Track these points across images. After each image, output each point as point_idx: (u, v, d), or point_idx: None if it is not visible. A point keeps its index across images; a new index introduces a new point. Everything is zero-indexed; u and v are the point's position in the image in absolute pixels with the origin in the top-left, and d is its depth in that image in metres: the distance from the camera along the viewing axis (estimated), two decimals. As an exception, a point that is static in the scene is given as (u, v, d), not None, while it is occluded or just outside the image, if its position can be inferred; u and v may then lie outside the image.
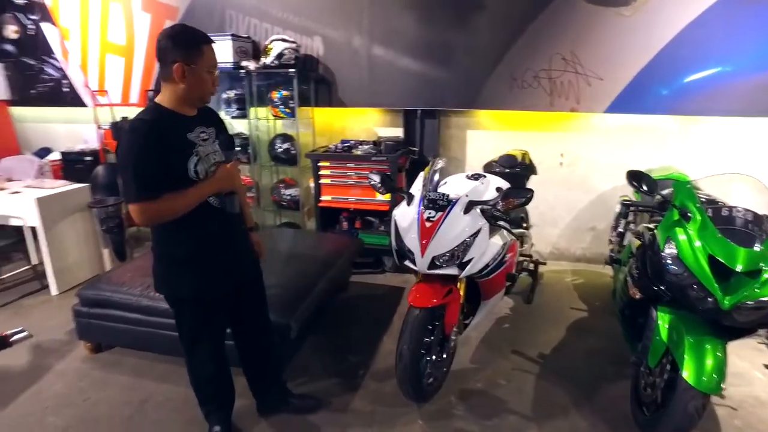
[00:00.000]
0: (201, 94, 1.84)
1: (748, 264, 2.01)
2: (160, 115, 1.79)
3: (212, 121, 1.98)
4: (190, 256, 1.92)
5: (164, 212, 1.76)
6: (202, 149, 1.85)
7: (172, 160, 1.75)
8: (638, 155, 4.08)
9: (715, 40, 3.71)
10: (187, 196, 1.78)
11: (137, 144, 1.70)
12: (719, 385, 2.01)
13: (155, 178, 1.70)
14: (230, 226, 2.00)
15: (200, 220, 1.86)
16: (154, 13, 4.71)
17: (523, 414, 2.49)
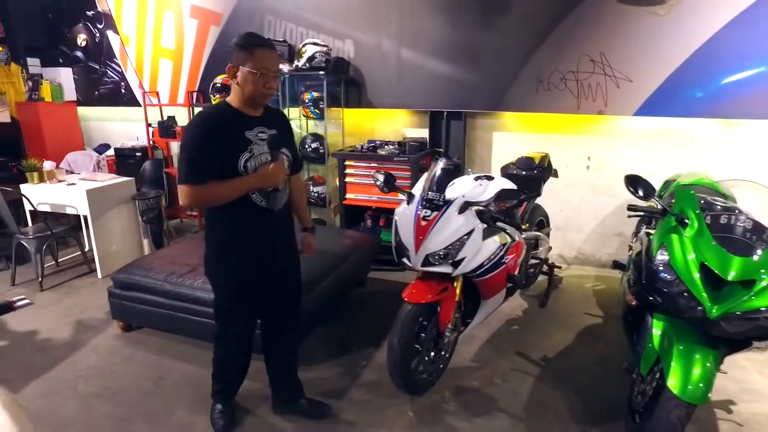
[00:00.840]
0: (251, 95, 1.90)
1: (741, 273, 1.94)
2: (223, 111, 1.95)
3: (276, 123, 2.07)
4: (226, 244, 2.06)
5: (205, 198, 1.92)
6: (257, 148, 1.95)
7: (225, 153, 1.88)
8: (669, 160, 3.94)
9: (756, 39, 3.53)
10: (228, 187, 1.89)
11: (194, 133, 1.88)
12: (705, 395, 1.95)
13: (204, 165, 1.84)
14: (271, 222, 2.07)
15: (241, 212, 1.97)
16: (201, 19, 5.04)
17: (514, 414, 2.51)
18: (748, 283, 1.95)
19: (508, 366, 2.92)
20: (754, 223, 2.06)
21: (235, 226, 2.02)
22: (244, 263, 2.08)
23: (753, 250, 2.00)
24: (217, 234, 2.09)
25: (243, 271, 2.09)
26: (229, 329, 2.25)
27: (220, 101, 2.04)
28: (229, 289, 2.15)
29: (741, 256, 1.98)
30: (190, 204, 1.93)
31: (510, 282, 2.76)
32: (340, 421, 2.47)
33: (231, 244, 2.05)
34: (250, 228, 2.03)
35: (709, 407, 2.59)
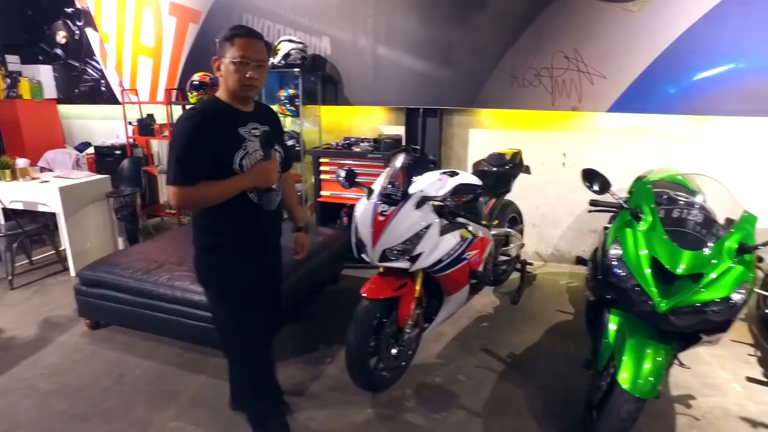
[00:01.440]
0: (232, 87, 1.81)
1: (690, 267, 1.94)
2: (214, 107, 1.84)
3: (268, 119, 1.98)
4: (223, 245, 1.93)
5: (196, 199, 1.79)
6: (251, 145, 1.85)
7: (219, 150, 1.77)
8: (645, 156, 3.93)
9: (728, 36, 3.53)
10: (222, 187, 1.78)
11: (185, 133, 1.75)
12: (654, 390, 1.95)
13: (195, 165, 1.73)
14: (265, 221, 1.98)
15: (237, 212, 1.87)
16: (180, 16, 5.02)
17: (473, 410, 2.49)
18: (698, 277, 1.94)
19: (473, 363, 2.90)
20: (704, 217, 2.05)
21: (230, 227, 1.91)
22: (243, 265, 1.97)
23: (703, 243, 1.99)
24: (209, 237, 1.94)
25: (243, 272, 1.97)
26: (249, 343, 2.08)
27: (210, 96, 1.94)
28: (232, 296, 2.00)
29: (691, 249, 1.97)
30: (180, 205, 1.82)
31: (473, 278, 2.74)
32: (298, 418, 2.45)
33: (227, 246, 1.93)
34: (246, 228, 1.93)
35: (670, 402, 2.59)
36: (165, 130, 5.09)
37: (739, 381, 2.77)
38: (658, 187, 2.52)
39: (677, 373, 2.80)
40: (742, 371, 2.86)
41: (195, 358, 2.97)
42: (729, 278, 1.90)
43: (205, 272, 2.02)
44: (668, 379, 2.77)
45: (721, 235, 2.01)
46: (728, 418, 2.48)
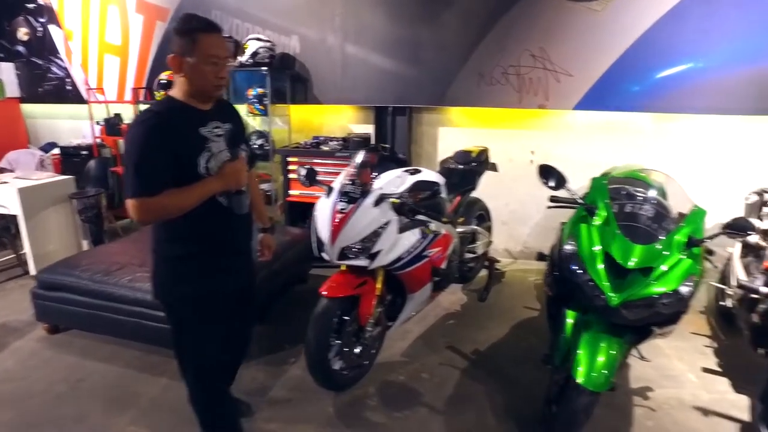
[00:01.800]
0: (202, 88, 1.69)
1: (641, 261, 1.96)
2: (171, 107, 1.69)
3: (229, 115, 1.85)
4: (190, 255, 1.77)
5: (162, 210, 1.63)
6: (216, 145, 1.72)
7: (181, 154, 1.64)
8: (612, 153, 3.97)
9: (687, 35, 3.60)
10: (189, 194, 1.64)
11: (142, 137, 1.60)
12: (608, 383, 1.96)
13: (157, 173, 1.59)
14: (236, 225, 1.85)
15: (204, 218, 1.72)
16: (147, 14, 4.93)
17: (435, 408, 2.49)
18: (650, 271, 1.96)
19: (437, 360, 2.90)
20: (656, 211, 2.08)
21: (199, 234, 1.76)
22: (208, 274, 1.80)
23: (654, 238, 2.01)
24: (176, 246, 1.77)
25: (209, 284, 1.81)
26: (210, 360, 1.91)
27: (164, 97, 1.79)
28: (192, 307, 1.82)
29: (642, 244, 1.99)
30: (143, 220, 1.65)
31: (436, 276, 2.74)
32: (259, 419, 2.42)
33: (195, 255, 1.77)
34: (217, 234, 1.79)
35: (629, 394, 2.62)
36: (132, 129, 4.99)
37: (694, 372, 2.82)
38: (619, 183, 2.55)
39: (638, 366, 2.84)
40: (698, 362, 2.92)
41: (156, 360, 2.92)
42: (678, 271, 1.93)
43: (168, 284, 1.83)
44: (628, 372, 2.81)
45: (671, 229, 2.04)
46: (683, 407, 2.52)
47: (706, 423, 2.43)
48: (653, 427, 2.39)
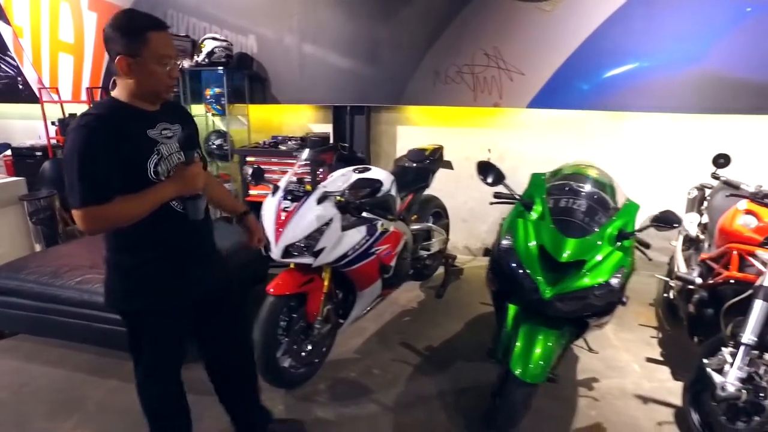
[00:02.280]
0: (154, 89, 1.62)
1: (573, 254, 2.01)
2: (115, 109, 1.60)
3: (178, 116, 1.77)
4: (145, 264, 1.69)
5: (113, 218, 1.54)
6: (165, 148, 1.65)
7: (128, 158, 1.55)
8: (567, 149, 4.04)
9: (632, 36, 3.70)
10: (142, 200, 1.55)
11: (84, 141, 1.49)
12: (544, 374, 2.02)
13: (104, 180, 1.50)
14: (194, 230, 1.77)
15: (158, 225, 1.63)
16: (101, 12, 4.83)
17: (384, 404, 2.52)
18: (583, 264, 2.02)
19: (390, 357, 2.93)
20: (589, 205, 2.14)
21: (153, 242, 1.67)
22: (165, 283, 1.73)
23: (586, 231, 2.08)
24: (128, 255, 1.69)
25: (163, 292, 1.73)
26: (157, 369, 1.85)
27: (105, 98, 1.67)
28: (151, 318, 1.75)
29: (575, 237, 2.05)
30: (92, 230, 1.56)
31: (384, 273, 2.77)
32: (208, 416, 2.40)
33: (147, 261, 1.68)
34: (171, 240, 1.71)
35: (575, 385, 2.69)
36: (88, 129, 4.89)
37: (639, 362, 2.92)
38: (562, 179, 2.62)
39: (585, 358, 2.92)
40: (643, 353, 3.01)
41: (106, 363, 2.88)
42: (608, 264, 2.00)
43: (122, 295, 1.74)
44: (576, 364, 2.88)
45: (603, 222, 2.10)
46: (624, 396, 2.61)
47: (645, 410, 2.51)
48: (595, 416, 2.47)
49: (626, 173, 3.88)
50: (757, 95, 3.56)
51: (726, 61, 3.57)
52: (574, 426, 2.40)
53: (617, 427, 2.39)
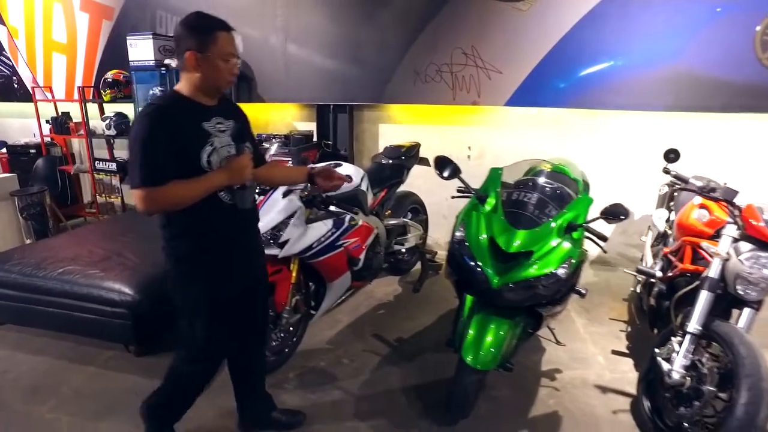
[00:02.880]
0: (216, 84, 1.77)
1: (522, 245, 2.09)
2: (176, 101, 1.75)
3: (232, 113, 1.89)
4: (196, 252, 1.81)
5: (167, 200, 1.67)
6: (218, 140, 1.76)
7: (184, 148, 1.68)
8: (543, 146, 4.13)
9: (607, 35, 3.77)
10: (193, 186, 1.68)
11: (147, 128, 1.65)
12: (494, 362, 2.09)
13: (162, 164, 1.64)
14: (242, 223, 1.89)
15: (207, 215, 1.76)
16: (92, 12, 4.96)
17: (349, 391, 2.60)
18: (531, 255, 2.10)
19: (361, 347, 3.02)
20: (539, 198, 2.21)
21: (203, 232, 1.79)
22: (220, 276, 1.84)
23: (536, 223, 2.15)
24: (181, 244, 1.81)
25: (219, 285, 1.85)
26: (202, 353, 1.97)
27: (168, 91, 1.82)
28: (204, 307, 1.87)
29: (525, 229, 2.13)
30: (148, 210, 1.68)
31: (353, 265, 2.85)
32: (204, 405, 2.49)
33: (200, 253, 1.81)
34: (221, 231, 1.82)
35: (537, 376, 2.77)
36: (80, 128, 5.02)
37: (604, 354, 2.98)
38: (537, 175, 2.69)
39: (552, 350, 3.00)
40: (610, 345, 3.08)
41: (88, 351, 2.98)
42: (556, 255, 2.07)
43: (181, 283, 1.87)
44: (542, 356, 2.96)
45: (554, 215, 2.18)
46: (585, 387, 2.67)
47: (603, 399, 2.58)
48: (553, 405, 2.54)
49: (602, 170, 3.98)
50: (728, 94, 3.61)
51: (698, 59, 3.62)
52: (532, 414, 2.47)
53: (573, 415, 2.46)
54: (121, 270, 2.98)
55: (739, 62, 3.54)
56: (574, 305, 3.64)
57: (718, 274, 2.20)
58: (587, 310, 3.58)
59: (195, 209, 1.70)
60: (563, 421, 2.42)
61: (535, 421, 2.43)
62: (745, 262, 2.12)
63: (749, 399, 1.87)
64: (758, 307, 2.23)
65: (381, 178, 3.35)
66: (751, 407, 1.85)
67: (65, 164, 5.28)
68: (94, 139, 5.06)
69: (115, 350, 2.97)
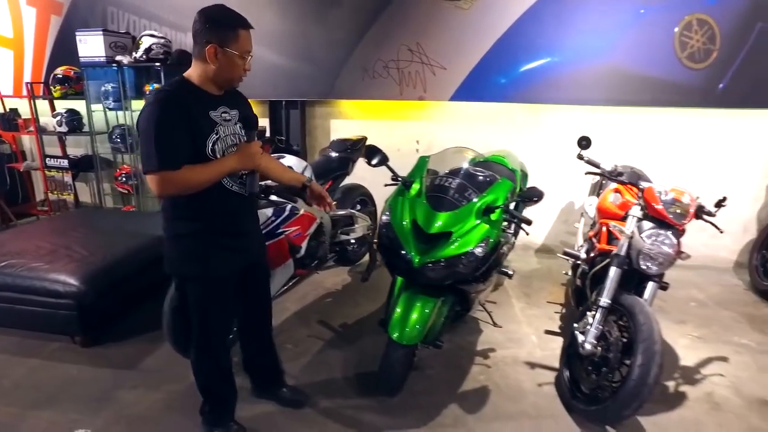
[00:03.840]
0: (230, 77, 1.83)
1: (442, 227, 2.23)
2: (185, 88, 1.80)
3: (237, 103, 1.96)
4: (195, 233, 1.88)
5: (182, 184, 1.73)
6: (222, 129, 1.82)
7: (191, 134, 1.74)
8: (489, 139, 4.28)
9: (544, 32, 3.96)
10: (208, 169, 1.76)
11: (159, 112, 1.69)
12: (418, 337, 2.22)
13: (177, 147, 1.70)
14: (243, 208, 1.99)
15: (210, 200, 1.83)
16: (40, 7, 4.91)
17: (290, 373, 2.67)
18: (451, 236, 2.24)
19: (305, 333, 3.12)
20: (459, 183, 2.36)
21: (202, 214, 1.86)
22: (213, 252, 1.92)
23: (456, 206, 2.30)
24: (181, 224, 1.88)
25: (217, 263, 1.93)
26: (212, 333, 2.07)
27: (176, 78, 1.86)
28: (204, 284, 1.96)
29: (445, 211, 2.27)
30: (165, 193, 1.75)
31: (295, 253, 2.95)
32: (127, 386, 2.57)
33: (200, 233, 1.88)
34: (223, 215, 1.91)
35: (471, 355, 2.91)
36: (30, 125, 4.96)
37: (537, 334, 3.15)
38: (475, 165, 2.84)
39: (489, 332, 3.16)
40: (544, 326, 3.25)
41: (33, 344, 2.99)
42: (474, 235, 2.22)
43: (177, 260, 1.95)
44: (478, 337, 3.10)
45: (473, 199, 2.33)
46: (515, 364, 2.83)
47: (531, 374, 2.74)
48: (483, 380, 2.68)
49: (543, 161, 4.19)
50: (654, 90, 3.86)
51: (626, 58, 3.86)
52: (462, 389, 2.61)
53: (500, 388, 2.62)
54: (67, 262, 3.00)
55: (661, 60, 3.79)
56: (516, 291, 3.83)
57: (624, 251, 2.39)
58: (527, 295, 3.77)
59: (200, 196, 1.78)
60: (491, 394, 2.57)
61: (465, 394, 2.57)
62: (646, 240, 2.32)
63: (642, 361, 2.05)
64: (660, 280, 2.43)
65: (327, 170, 3.45)
66: (644, 368, 2.04)
67: (12, 161, 5.20)
68: (46, 136, 5.02)
69: (61, 342, 2.99)
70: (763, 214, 4.19)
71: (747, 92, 3.79)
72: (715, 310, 3.57)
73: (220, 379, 2.17)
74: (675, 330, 3.26)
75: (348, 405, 2.47)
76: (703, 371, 2.81)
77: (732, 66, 3.75)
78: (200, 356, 2.12)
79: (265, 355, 2.41)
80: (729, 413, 2.46)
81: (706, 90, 3.83)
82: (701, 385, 2.69)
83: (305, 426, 2.33)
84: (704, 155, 4.13)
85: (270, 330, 2.42)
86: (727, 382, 2.71)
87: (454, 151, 2.81)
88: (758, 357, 2.96)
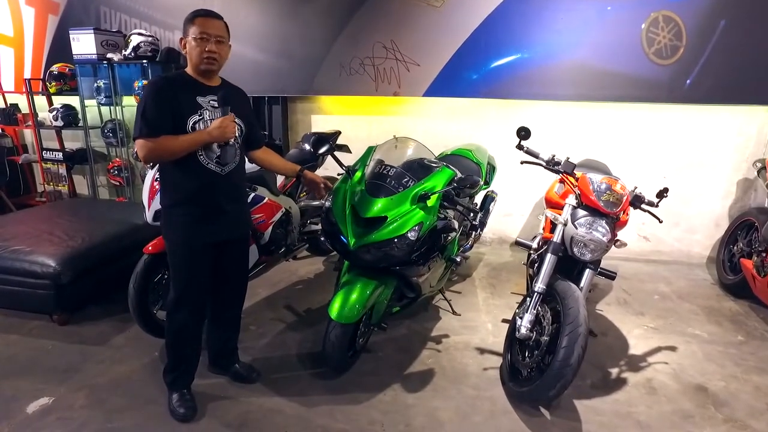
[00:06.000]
0: (196, 61, 2.05)
1: (377, 212, 2.35)
2: (180, 77, 2.11)
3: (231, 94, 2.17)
4: (175, 204, 2.15)
5: (159, 150, 2.00)
6: (208, 113, 2.07)
7: (176, 113, 2.00)
8: (461, 134, 4.43)
9: (514, 29, 4.05)
10: (182, 140, 2.00)
11: (149, 92, 2.00)
12: (356, 316, 2.35)
13: (156, 120, 1.97)
14: (219, 186, 2.16)
15: (191, 174, 2.09)
16: (38, 7, 5.14)
17: (249, 351, 2.82)
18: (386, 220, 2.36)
19: (270, 316, 3.26)
20: (398, 172, 2.47)
21: (184, 187, 2.11)
22: (192, 225, 2.15)
23: (393, 193, 2.41)
24: (168, 195, 2.17)
25: (191, 232, 2.16)
26: (184, 294, 2.26)
27: (178, 70, 2.22)
28: (180, 249, 2.21)
29: (382, 198, 2.39)
30: (145, 157, 2.03)
31: (259, 240, 3.09)
32: (96, 360, 2.74)
33: (179, 204, 2.14)
34: (199, 189, 2.12)
35: (424, 340, 3.02)
36: (29, 119, 5.20)
37: (494, 322, 3.25)
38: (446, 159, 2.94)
39: (447, 320, 3.27)
40: (501, 315, 3.35)
41: (14, 322, 3.16)
42: (407, 220, 2.33)
43: (163, 227, 2.24)
44: (435, 324, 3.21)
45: (410, 186, 2.44)
46: (466, 349, 2.94)
47: (478, 359, 2.84)
48: (431, 363, 2.79)
49: (514, 155, 4.26)
50: (622, 85, 3.93)
51: (594, 54, 3.93)
52: (409, 371, 2.72)
53: (446, 371, 2.72)
54: (48, 246, 3.18)
55: (629, 57, 3.85)
56: (483, 282, 3.93)
57: (560, 238, 2.48)
58: (493, 285, 3.86)
59: (182, 168, 2.07)
60: (435, 376, 2.67)
61: (410, 375, 2.68)
62: (579, 228, 2.41)
63: (567, 343, 2.15)
64: (595, 267, 2.52)
65: (298, 162, 3.58)
66: (568, 350, 2.13)
67: (14, 154, 5.45)
68: (46, 130, 5.25)
69: (41, 320, 3.17)
70: (734, 209, 4.22)
71: (714, 88, 3.83)
72: (676, 303, 3.63)
73: (184, 341, 2.34)
74: (632, 321, 3.33)
75: (296, 381, 2.60)
76: (649, 359, 2.89)
77: (699, 62, 3.79)
78: (171, 316, 2.31)
79: (227, 329, 2.58)
80: (662, 397, 2.54)
81: (673, 86, 3.88)
82: (643, 372, 2.77)
83: (253, 395, 2.48)
84: (674, 151, 4.18)
85: (239, 309, 2.59)
86: (669, 369, 2.79)
87: (402, 140, 2.90)
88: (706, 347, 3.03)
